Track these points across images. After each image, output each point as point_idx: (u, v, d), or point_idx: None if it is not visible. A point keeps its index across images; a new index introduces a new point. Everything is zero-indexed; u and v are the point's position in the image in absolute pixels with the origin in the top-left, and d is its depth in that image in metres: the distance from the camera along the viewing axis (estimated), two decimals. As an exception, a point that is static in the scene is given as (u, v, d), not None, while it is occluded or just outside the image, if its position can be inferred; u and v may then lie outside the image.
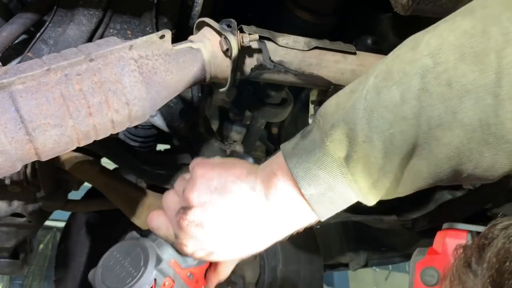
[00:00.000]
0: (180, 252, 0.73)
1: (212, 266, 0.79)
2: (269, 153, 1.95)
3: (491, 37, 0.54)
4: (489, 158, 0.56)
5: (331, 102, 0.67)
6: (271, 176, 0.68)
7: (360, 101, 0.62)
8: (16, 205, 1.61)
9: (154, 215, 0.76)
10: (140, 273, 0.71)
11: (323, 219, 0.69)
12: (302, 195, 0.65)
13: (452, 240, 0.58)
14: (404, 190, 0.65)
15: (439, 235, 0.60)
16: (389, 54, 0.65)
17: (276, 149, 0.75)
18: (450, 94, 0.56)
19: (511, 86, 0.52)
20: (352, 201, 0.67)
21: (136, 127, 1.64)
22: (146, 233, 1.71)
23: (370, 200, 0.67)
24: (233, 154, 0.77)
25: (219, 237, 0.69)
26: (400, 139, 0.59)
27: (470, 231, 0.58)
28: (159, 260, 0.73)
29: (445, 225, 0.61)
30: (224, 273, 0.80)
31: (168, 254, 0.74)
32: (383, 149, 0.60)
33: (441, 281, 0.55)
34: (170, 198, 0.75)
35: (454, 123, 0.56)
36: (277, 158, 0.69)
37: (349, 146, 0.62)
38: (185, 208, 0.70)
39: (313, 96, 1.17)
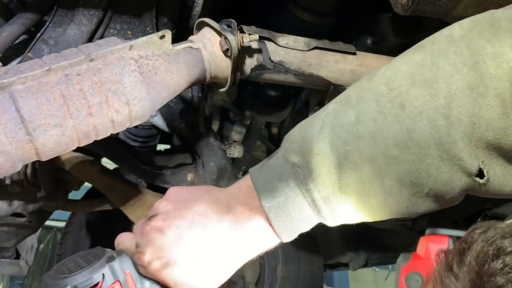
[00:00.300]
0: (137, 264, 0.70)
1: None
2: (269, 153, 1.95)
3: (439, 67, 0.59)
4: (446, 173, 0.60)
5: (295, 127, 0.72)
6: (237, 191, 0.72)
7: (318, 121, 0.67)
8: (17, 205, 1.61)
9: (122, 233, 0.76)
10: (90, 264, 0.68)
11: (282, 237, 0.69)
12: (262, 207, 0.67)
13: (434, 245, 0.60)
14: (377, 210, 0.67)
15: (422, 241, 0.61)
16: (352, 84, 0.71)
17: (276, 149, 0.76)
18: (403, 116, 0.60)
19: (460, 109, 0.57)
20: (310, 217, 0.68)
21: (136, 127, 1.64)
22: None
23: (327, 218, 0.67)
24: None
25: (178, 246, 0.68)
26: (356, 155, 0.62)
27: (451, 236, 0.60)
28: (112, 258, 0.70)
29: (427, 231, 0.63)
30: None
31: (126, 263, 0.70)
32: (338, 164, 0.63)
33: (425, 285, 0.56)
34: (140, 221, 0.75)
35: (409, 142, 0.60)
36: (245, 177, 0.72)
37: (303, 159, 0.65)
38: (151, 216, 0.72)
39: (313, 96, 1.17)
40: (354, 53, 1.06)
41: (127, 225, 1.74)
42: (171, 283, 0.69)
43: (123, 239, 0.74)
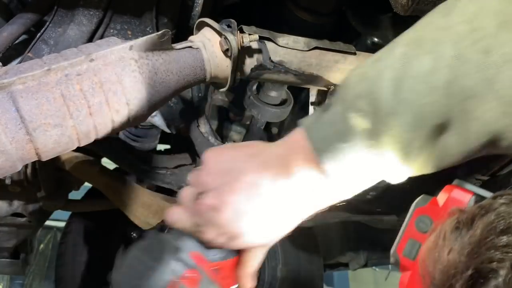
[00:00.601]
0: (201, 241, 0.69)
1: (238, 258, 0.74)
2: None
3: None
4: None
5: (355, 73, 0.62)
6: (288, 152, 0.64)
7: (386, 70, 0.58)
8: (17, 205, 1.61)
9: (171, 210, 0.71)
10: (157, 264, 0.67)
11: (347, 198, 0.65)
12: (324, 170, 0.61)
13: (455, 198, 0.58)
14: (431, 167, 0.61)
15: (445, 189, 0.59)
16: (418, 21, 0.60)
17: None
18: (487, 63, 0.51)
19: None
20: (377, 179, 0.63)
21: (136, 127, 1.64)
22: (147, 232, 1.71)
23: (397, 178, 0.62)
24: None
25: (237, 218, 0.65)
26: (430, 110, 0.55)
27: (476, 194, 0.57)
28: (176, 250, 0.69)
29: (455, 181, 0.60)
30: (251, 264, 0.73)
31: (188, 245, 0.69)
32: (412, 122, 0.56)
33: (430, 232, 0.55)
34: (186, 190, 0.71)
35: (489, 95, 0.52)
36: (295, 134, 0.64)
37: (374, 119, 0.58)
38: (201, 193, 0.67)
39: (312, 96, 1.17)
40: (354, 53, 1.06)
41: (127, 225, 1.74)
42: (241, 248, 0.69)
43: (176, 218, 0.70)
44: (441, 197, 0.59)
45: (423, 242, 0.56)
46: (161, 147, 2.02)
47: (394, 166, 0.60)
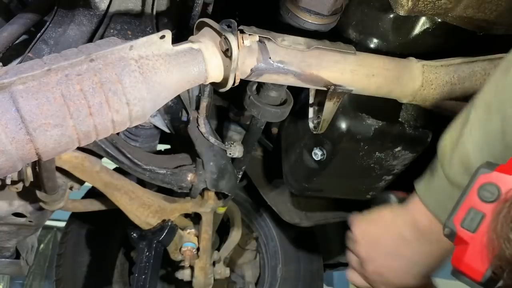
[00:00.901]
0: None
1: None
2: (267, 153, 1.94)
3: None
4: None
5: (446, 141, 0.75)
6: (413, 220, 0.82)
7: (467, 138, 0.69)
8: (17, 205, 1.60)
9: (351, 274, 0.99)
10: None
11: None
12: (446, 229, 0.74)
13: None
14: None
15: None
16: (486, 82, 0.71)
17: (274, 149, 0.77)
18: None
19: None
20: None
21: (136, 127, 1.64)
22: (146, 232, 1.71)
23: None
24: (378, 198, 1.03)
25: (398, 275, 0.87)
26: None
27: None
28: None
29: None
30: None
31: None
32: None
33: (500, 202, 0.53)
34: (351, 257, 0.97)
35: None
36: (413, 201, 0.82)
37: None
38: (362, 264, 0.92)
39: (312, 97, 1.17)
40: (354, 53, 1.06)
41: (127, 225, 1.74)
42: None
43: (357, 281, 0.97)
44: None
45: (488, 212, 0.54)
46: (161, 147, 2.02)
47: None
